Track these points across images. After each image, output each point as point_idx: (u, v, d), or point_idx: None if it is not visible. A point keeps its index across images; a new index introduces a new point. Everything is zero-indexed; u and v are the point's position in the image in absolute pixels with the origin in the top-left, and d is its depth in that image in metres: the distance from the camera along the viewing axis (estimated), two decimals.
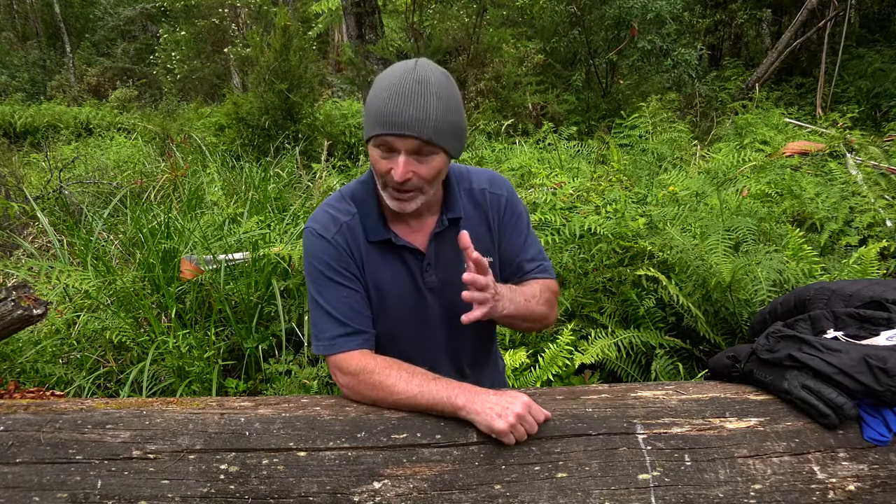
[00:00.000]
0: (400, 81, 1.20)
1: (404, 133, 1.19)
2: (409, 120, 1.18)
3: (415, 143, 1.20)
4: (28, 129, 12.43)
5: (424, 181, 1.26)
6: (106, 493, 1.12)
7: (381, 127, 1.20)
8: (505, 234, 1.46)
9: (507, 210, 1.45)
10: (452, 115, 1.23)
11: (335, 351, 1.32)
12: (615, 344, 2.73)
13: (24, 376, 2.70)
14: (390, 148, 1.22)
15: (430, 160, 1.24)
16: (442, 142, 1.22)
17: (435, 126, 1.20)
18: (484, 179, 1.46)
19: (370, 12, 9.11)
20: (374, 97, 1.23)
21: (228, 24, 14.73)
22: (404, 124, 1.18)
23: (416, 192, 1.27)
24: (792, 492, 1.14)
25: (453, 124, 1.24)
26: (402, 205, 1.28)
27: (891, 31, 11.15)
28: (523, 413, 1.16)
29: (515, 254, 1.47)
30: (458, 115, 1.26)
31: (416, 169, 1.23)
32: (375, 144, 1.24)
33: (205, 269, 3.15)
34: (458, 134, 1.27)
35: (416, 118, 1.18)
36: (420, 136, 1.19)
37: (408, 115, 1.18)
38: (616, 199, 3.57)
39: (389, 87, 1.20)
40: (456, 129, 1.25)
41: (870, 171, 4.65)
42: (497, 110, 8.68)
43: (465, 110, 1.32)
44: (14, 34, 19.88)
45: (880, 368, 1.16)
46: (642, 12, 8.09)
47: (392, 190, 1.27)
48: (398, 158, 1.22)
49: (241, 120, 7.88)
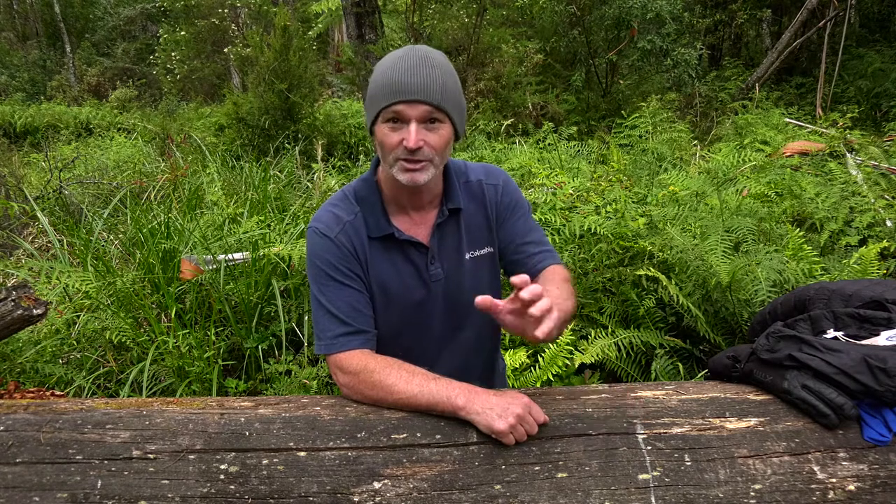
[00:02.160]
0: (403, 57, 1.24)
1: (414, 98, 1.21)
2: (418, 86, 1.21)
3: (425, 108, 1.22)
4: (28, 129, 12.42)
5: (434, 151, 1.27)
6: (106, 493, 1.12)
7: (390, 97, 1.22)
8: (503, 220, 1.46)
9: (504, 197, 1.46)
10: (454, 86, 1.27)
11: (336, 350, 1.32)
12: (615, 344, 2.73)
13: (24, 376, 2.70)
14: (400, 118, 1.24)
15: (439, 129, 1.26)
16: (449, 109, 1.25)
17: (442, 92, 1.23)
18: (480, 171, 1.47)
19: (370, 12, 9.11)
20: (378, 76, 1.26)
21: (228, 24, 14.73)
22: (413, 90, 1.21)
23: (427, 162, 1.27)
24: (792, 492, 1.14)
25: (456, 95, 1.27)
26: (414, 175, 1.27)
27: (891, 31, 11.15)
28: (523, 414, 1.17)
29: (516, 237, 1.46)
30: (458, 88, 1.29)
31: (426, 137, 1.25)
32: (385, 119, 1.26)
33: (205, 269, 3.15)
34: (460, 108, 1.30)
35: (424, 84, 1.21)
36: (430, 100, 1.22)
37: (416, 82, 1.21)
38: (616, 199, 3.57)
39: (393, 63, 1.24)
40: (459, 102, 1.29)
41: (870, 171, 4.65)
42: (497, 110, 8.68)
43: (464, 115, 1.34)
44: (14, 34, 19.88)
45: (880, 368, 1.16)
46: (642, 12, 8.09)
47: (403, 162, 1.26)
48: (409, 127, 1.23)
49: (241, 120, 7.88)
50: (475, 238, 1.43)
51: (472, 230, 1.43)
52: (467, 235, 1.42)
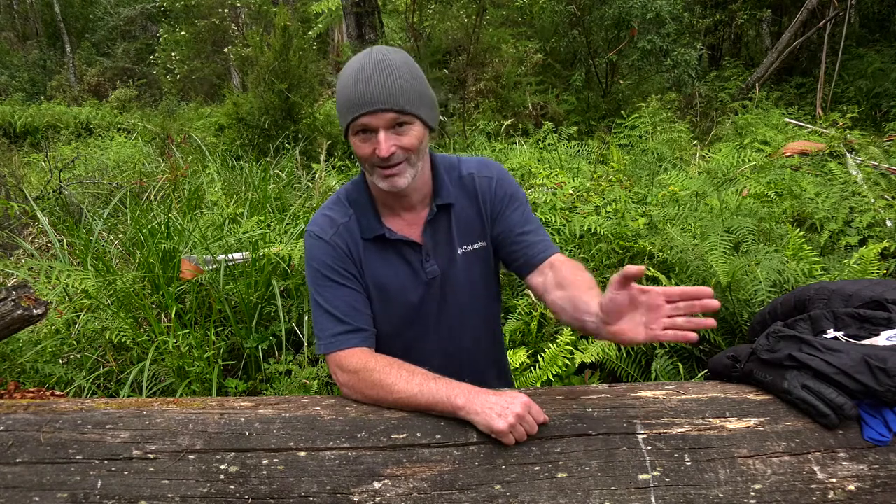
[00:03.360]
0: (360, 67, 1.24)
1: (376, 108, 1.22)
2: (378, 95, 1.21)
3: (389, 115, 1.23)
4: (28, 129, 12.41)
5: (409, 152, 1.27)
6: (106, 493, 1.12)
7: (354, 110, 1.23)
8: (499, 212, 1.44)
9: (498, 190, 1.44)
10: (416, 84, 1.26)
11: (335, 348, 1.33)
12: (615, 344, 2.73)
13: (24, 376, 2.70)
14: (368, 129, 1.25)
15: (409, 130, 1.26)
16: (414, 109, 1.25)
17: (403, 95, 1.23)
18: (473, 165, 1.46)
19: (370, 12, 9.12)
20: (340, 90, 1.27)
21: (228, 24, 14.72)
22: (374, 100, 1.21)
23: (403, 164, 1.28)
24: (792, 492, 1.14)
25: (420, 93, 1.27)
26: (393, 180, 1.28)
27: (891, 31, 11.14)
28: (523, 413, 1.17)
29: (514, 227, 1.43)
30: (422, 84, 1.29)
31: (397, 142, 1.25)
32: (354, 132, 1.27)
33: (205, 269, 3.15)
34: (427, 102, 1.30)
35: (383, 92, 1.21)
36: (392, 107, 1.22)
37: (375, 91, 1.21)
38: (616, 199, 3.57)
39: (351, 74, 1.24)
40: (424, 97, 1.28)
41: (870, 171, 4.65)
42: (497, 110, 8.68)
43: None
44: (14, 34, 19.86)
45: (880, 368, 1.16)
46: (642, 12, 8.08)
47: (380, 169, 1.28)
48: (378, 136, 1.24)
49: (241, 120, 7.87)
50: (467, 233, 1.43)
51: (463, 225, 1.42)
52: (458, 230, 1.42)
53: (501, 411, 1.16)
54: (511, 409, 1.16)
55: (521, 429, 1.16)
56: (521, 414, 1.16)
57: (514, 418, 1.15)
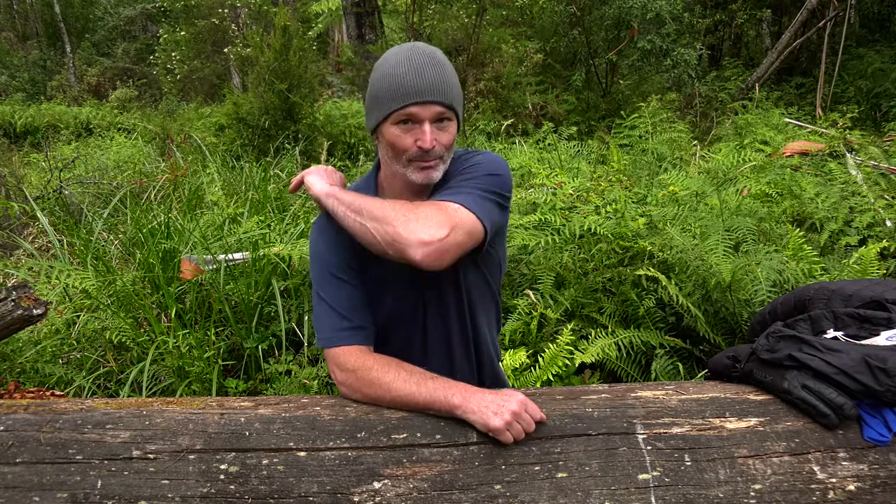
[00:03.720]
0: (408, 57, 1.24)
1: (428, 99, 1.22)
2: (431, 87, 1.22)
3: (437, 109, 1.23)
4: (28, 129, 12.40)
5: (445, 148, 1.28)
6: (106, 493, 1.12)
7: (402, 99, 1.22)
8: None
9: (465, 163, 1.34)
10: (458, 83, 1.29)
11: (334, 344, 1.33)
12: (615, 344, 2.73)
13: (24, 376, 2.70)
14: (413, 119, 1.24)
15: (449, 127, 1.27)
16: (458, 107, 1.27)
17: (452, 92, 1.25)
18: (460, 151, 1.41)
19: (370, 12, 9.12)
20: (383, 77, 1.25)
21: (228, 24, 14.72)
22: (427, 91, 1.21)
23: (438, 160, 1.29)
24: (792, 492, 1.14)
25: (460, 92, 1.29)
26: (428, 173, 1.28)
27: (891, 31, 11.14)
28: (519, 411, 1.17)
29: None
30: (459, 84, 1.31)
31: (438, 137, 1.26)
32: (396, 121, 1.25)
33: (205, 269, 3.15)
34: (462, 104, 1.32)
35: (436, 85, 1.22)
36: (443, 100, 1.23)
37: (428, 83, 1.22)
38: (616, 199, 3.57)
39: (400, 63, 1.24)
40: (462, 97, 1.30)
41: (870, 171, 4.65)
42: (497, 110, 8.68)
43: (465, 110, 1.34)
44: (14, 34, 19.86)
45: (880, 368, 1.16)
46: (642, 12, 8.08)
47: (417, 162, 1.27)
48: (423, 127, 1.24)
49: (241, 120, 7.88)
50: None
51: None
52: None
53: (497, 409, 1.16)
54: (507, 407, 1.16)
55: (517, 427, 1.16)
56: (517, 412, 1.16)
57: (511, 416, 1.15)
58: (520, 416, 1.17)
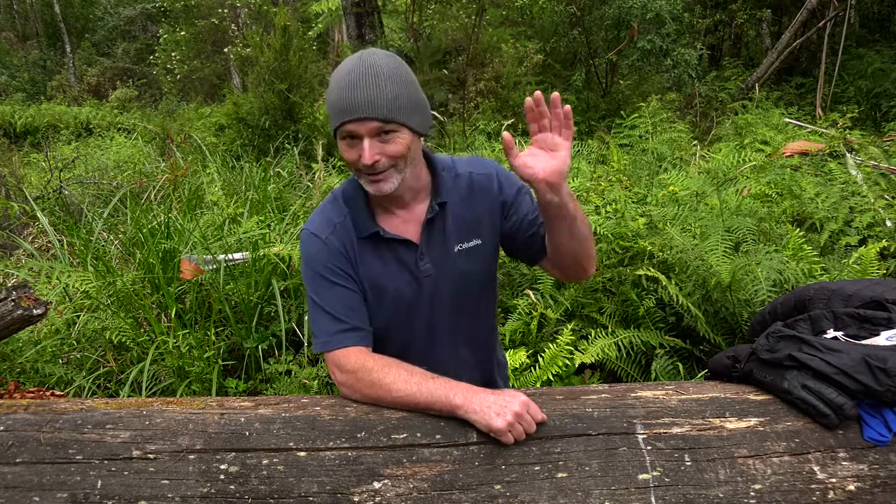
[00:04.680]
0: (349, 72, 1.24)
1: (360, 116, 1.22)
2: (363, 103, 1.22)
3: (373, 124, 1.23)
4: (28, 129, 12.40)
5: (395, 159, 1.28)
6: (106, 493, 1.12)
7: (340, 116, 1.24)
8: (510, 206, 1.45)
9: (505, 184, 1.45)
10: (405, 90, 1.26)
11: (332, 347, 1.33)
12: (615, 344, 2.73)
13: (24, 376, 2.70)
14: (354, 135, 1.25)
15: (395, 138, 1.26)
16: (401, 118, 1.25)
17: (388, 104, 1.23)
18: (466, 164, 1.47)
19: (370, 12, 9.12)
20: (329, 94, 1.27)
21: (228, 24, 14.72)
22: (359, 108, 1.22)
23: (389, 170, 1.28)
24: (792, 492, 1.14)
25: (409, 99, 1.26)
26: (378, 186, 1.29)
27: (891, 31, 11.14)
28: (521, 412, 1.17)
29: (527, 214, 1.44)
30: (410, 90, 1.28)
31: (382, 150, 1.26)
32: (341, 137, 1.28)
33: (205, 269, 3.15)
34: (417, 108, 1.29)
35: (368, 100, 1.22)
36: (376, 116, 1.22)
37: (361, 99, 1.22)
38: (616, 199, 3.57)
39: (340, 79, 1.25)
40: (412, 104, 1.27)
41: (870, 171, 4.65)
42: (497, 110, 8.68)
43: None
44: (14, 34, 19.86)
45: (880, 368, 1.16)
46: (642, 12, 8.07)
47: (365, 175, 1.29)
48: (363, 143, 1.25)
49: (241, 120, 7.87)
50: (463, 231, 1.43)
51: (459, 223, 1.43)
52: (454, 228, 1.42)
53: (500, 410, 1.16)
54: (509, 408, 1.16)
55: (519, 427, 1.16)
56: (519, 413, 1.16)
57: (513, 417, 1.15)
58: (522, 416, 1.17)
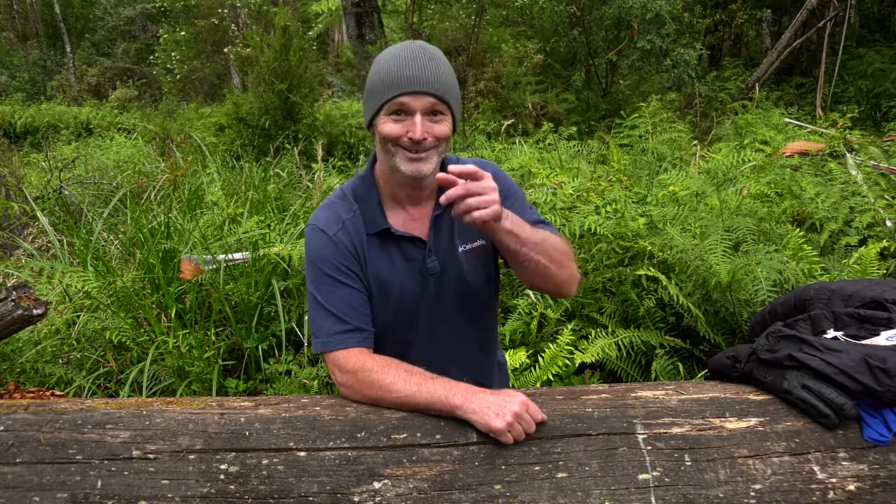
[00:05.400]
0: (404, 50, 1.27)
1: (420, 90, 1.24)
2: (423, 78, 1.24)
3: (429, 100, 1.25)
4: (28, 129, 12.39)
5: (439, 141, 1.29)
6: (106, 493, 1.12)
7: (394, 89, 1.25)
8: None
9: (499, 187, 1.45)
10: (454, 81, 1.31)
11: (333, 348, 1.32)
12: (615, 344, 2.73)
13: (24, 376, 2.70)
14: (405, 110, 1.26)
15: (443, 120, 1.29)
16: (451, 101, 1.29)
17: (445, 85, 1.27)
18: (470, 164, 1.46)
19: (370, 12, 9.12)
20: (378, 70, 1.28)
21: (228, 24, 14.72)
22: (419, 82, 1.24)
23: (431, 151, 1.29)
24: (792, 492, 1.14)
25: (456, 90, 1.32)
26: (418, 165, 1.29)
27: (891, 31, 11.14)
28: (520, 412, 1.17)
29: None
30: (456, 82, 1.33)
31: (429, 129, 1.27)
32: (389, 111, 1.27)
33: (205, 269, 3.15)
34: (459, 103, 1.34)
35: (428, 77, 1.24)
36: (435, 92, 1.25)
37: (421, 74, 1.24)
38: (616, 199, 3.57)
39: (394, 57, 1.27)
40: (458, 96, 1.33)
41: (870, 171, 4.65)
42: (497, 110, 8.68)
43: (463, 108, 1.35)
44: (14, 34, 19.85)
45: (880, 368, 1.16)
46: (642, 12, 8.07)
47: (406, 152, 1.28)
48: (415, 118, 1.26)
49: (241, 120, 7.87)
50: (466, 231, 1.43)
51: (462, 223, 1.43)
52: (459, 228, 1.42)
53: (499, 410, 1.16)
54: (509, 408, 1.16)
55: (518, 428, 1.16)
56: (518, 413, 1.16)
57: (512, 417, 1.15)
58: (521, 416, 1.17)
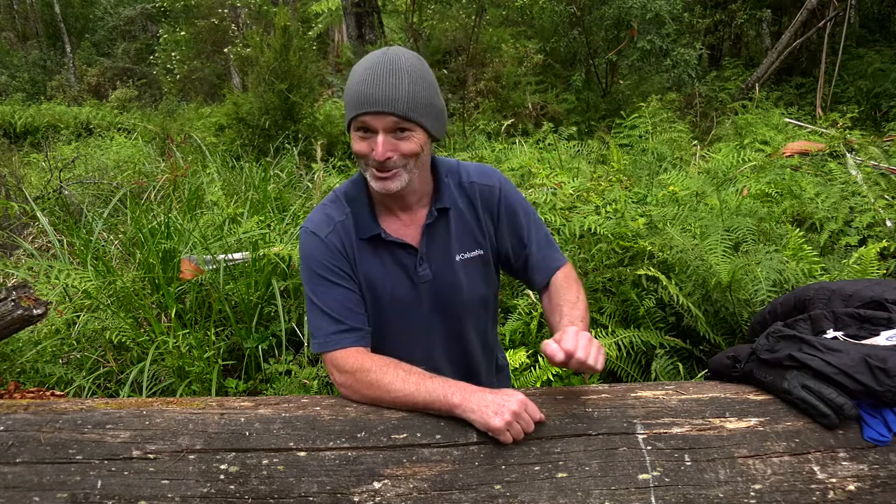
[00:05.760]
0: (372, 65, 1.25)
1: (379, 110, 1.22)
2: (383, 97, 1.22)
3: (390, 119, 1.23)
4: (28, 129, 12.39)
5: (407, 158, 1.28)
6: (106, 493, 1.12)
7: (357, 108, 1.24)
8: (504, 227, 1.46)
9: (503, 202, 1.46)
10: (425, 92, 1.26)
11: (331, 348, 1.33)
12: (615, 344, 2.73)
13: (24, 376, 2.70)
14: (369, 129, 1.25)
15: (409, 137, 1.26)
16: (417, 117, 1.25)
17: (408, 102, 1.23)
18: (473, 172, 1.47)
19: (370, 12, 9.13)
20: (349, 84, 1.27)
21: (228, 24, 14.72)
22: (378, 102, 1.22)
23: (399, 169, 1.28)
24: (792, 492, 1.14)
25: (427, 101, 1.27)
26: (385, 184, 1.29)
27: (891, 31, 11.13)
28: (519, 411, 1.17)
29: (521, 247, 1.48)
30: (430, 92, 1.28)
31: (395, 147, 1.26)
32: (355, 129, 1.28)
33: (205, 269, 3.15)
34: (434, 112, 1.29)
35: (388, 95, 1.22)
36: (395, 111, 1.22)
37: (381, 93, 1.22)
38: (616, 199, 3.57)
39: (363, 71, 1.25)
40: (430, 106, 1.28)
41: (870, 171, 4.64)
42: (497, 110, 8.67)
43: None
44: (14, 34, 19.85)
45: (880, 368, 1.16)
46: (642, 12, 8.07)
47: (374, 170, 1.29)
48: (377, 138, 1.25)
49: (241, 120, 7.88)
50: (464, 240, 1.43)
51: (461, 232, 1.43)
52: (456, 237, 1.42)
53: (497, 409, 1.16)
54: (507, 407, 1.16)
55: (517, 427, 1.16)
56: (517, 412, 1.16)
57: (511, 416, 1.15)
58: (520, 416, 1.17)
